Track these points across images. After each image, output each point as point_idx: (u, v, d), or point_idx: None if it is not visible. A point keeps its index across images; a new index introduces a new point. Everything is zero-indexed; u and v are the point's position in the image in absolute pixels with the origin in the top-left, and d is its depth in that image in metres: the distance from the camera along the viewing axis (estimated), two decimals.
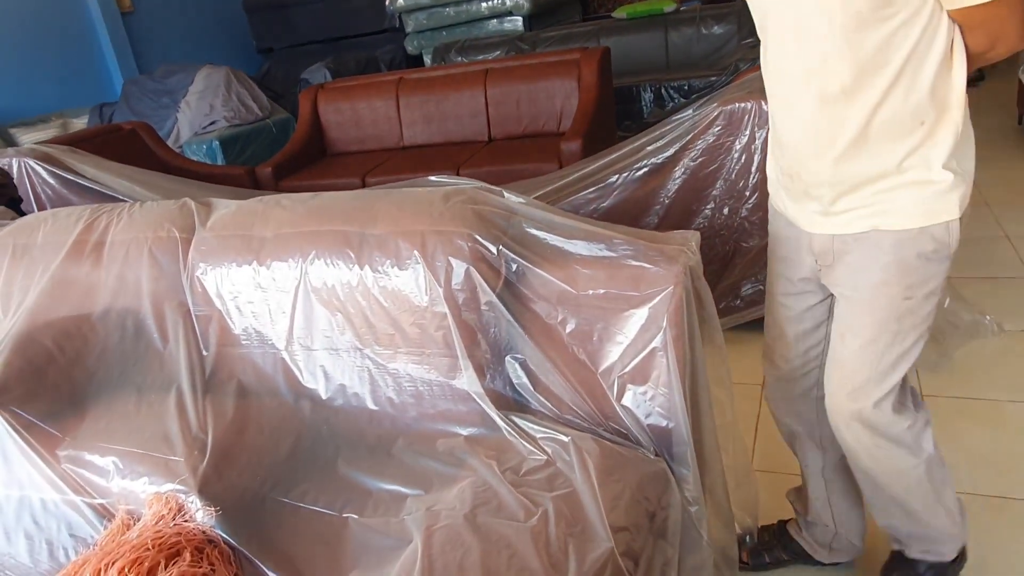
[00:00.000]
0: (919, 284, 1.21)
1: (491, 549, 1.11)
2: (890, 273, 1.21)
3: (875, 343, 1.26)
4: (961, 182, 1.15)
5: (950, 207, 1.16)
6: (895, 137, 1.13)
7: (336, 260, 1.45)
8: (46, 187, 2.91)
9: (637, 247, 1.33)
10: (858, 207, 1.20)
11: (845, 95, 1.12)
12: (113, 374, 1.60)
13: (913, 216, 1.16)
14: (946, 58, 1.08)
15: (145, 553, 1.18)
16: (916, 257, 1.18)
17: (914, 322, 1.24)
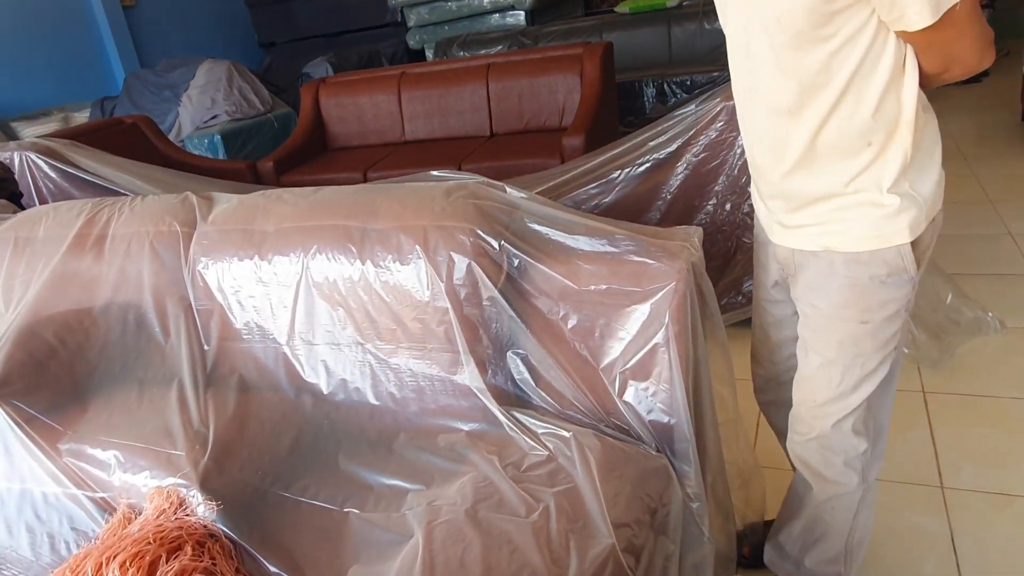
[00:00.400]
0: (876, 308, 1.17)
1: (492, 544, 1.11)
2: (844, 296, 1.18)
3: (834, 364, 1.24)
4: (911, 205, 1.10)
5: (899, 231, 1.11)
6: (841, 157, 1.10)
7: (338, 255, 1.45)
8: (47, 181, 2.91)
9: (639, 243, 1.32)
10: (811, 224, 1.18)
11: (790, 112, 1.10)
12: (115, 368, 1.60)
13: (861, 239, 1.13)
14: (894, 78, 1.04)
15: (146, 547, 1.18)
16: (870, 280, 1.15)
17: (875, 345, 1.20)
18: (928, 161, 1.12)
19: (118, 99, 5.53)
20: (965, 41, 1.01)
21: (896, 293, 1.16)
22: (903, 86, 1.05)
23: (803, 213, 1.18)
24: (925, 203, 1.12)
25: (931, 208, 1.13)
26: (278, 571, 1.22)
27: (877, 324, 1.18)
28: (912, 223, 1.11)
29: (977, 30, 1.01)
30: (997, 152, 4.08)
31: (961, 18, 0.97)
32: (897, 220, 1.11)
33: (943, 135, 1.16)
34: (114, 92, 5.81)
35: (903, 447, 1.96)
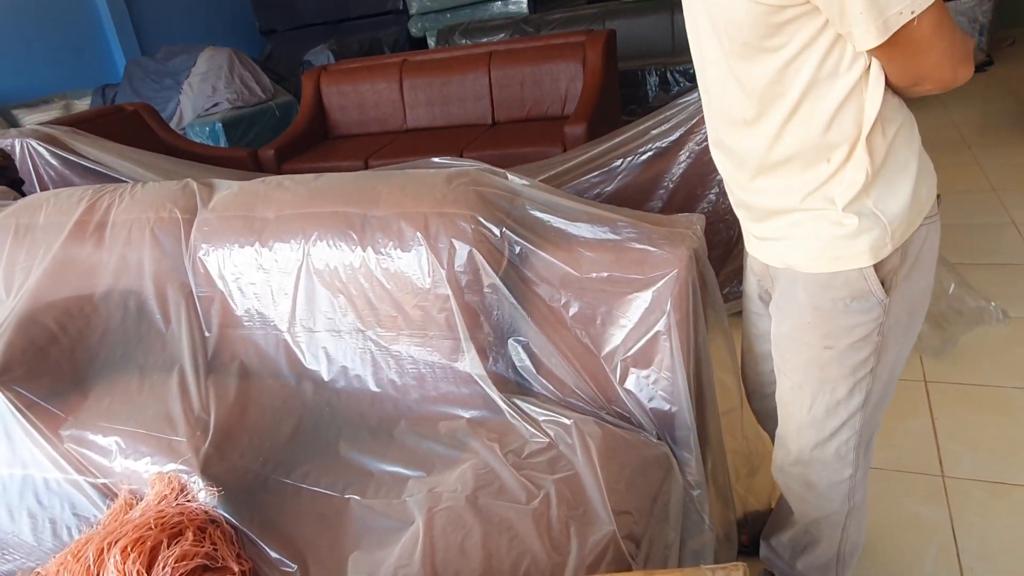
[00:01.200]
0: (840, 333, 1.09)
1: (492, 531, 1.11)
2: (806, 317, 1.11)
3: (802, 389, 1.19)
4: (873, 226, 1.01)
5: (859, 254, 1.03)
6: (798, 171, 1.03)
7: (339, 241, 1.44)
8: (49, 168, 2.90)
9: (641, 230, 1.32)
10: (774, 238, 1.12)
11: (745, 123, 1.05)
12: (115, 355, 1.60)
13: (817, 260, 1.06)
14: (854, 91, 0.96)
15: (148, 532, 1.18)
16: (832, 303, 1.08)
17: (841, 372, 1.13)
18: (899, 177, 1.02)
19: (119, 86, 5.52)
20: (929, 58, 0.91)
21: (862, 318, 1.08)
22: (865, 99, 0.96)
23: (765, 225, 1.12)
24: (891, 224, 1.02)
25: (901, 229, 1.03)
26: (279, 557, 1.23)
27: (843, 350, 1.11)
28: (874, 245, 1.02)
29: (943, 46, 0.91)
30: (1002, 141, 4.06)
31: (920, 36, 0.88)
32: (856, 241, 1.03)
33: (947, 124, 1.11)
34: (115, 79, 5.79)
35: (904, 436, 1.96)
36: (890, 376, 1.17)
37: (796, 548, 1.39)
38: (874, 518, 1.63)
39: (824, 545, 1.34)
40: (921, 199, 1.04)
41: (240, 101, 5.24)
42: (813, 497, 1.29)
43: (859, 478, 1.25)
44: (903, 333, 1.12)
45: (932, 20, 0.87)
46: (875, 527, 1.65)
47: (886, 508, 1.72)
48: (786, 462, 1.29)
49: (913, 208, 1.03)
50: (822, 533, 1.33)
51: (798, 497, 1.32)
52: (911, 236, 1.04)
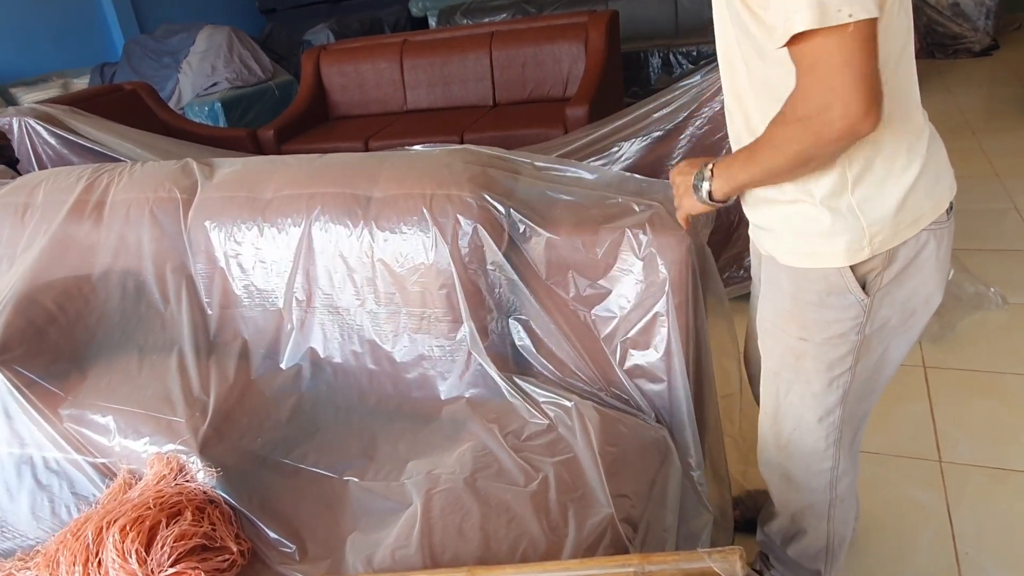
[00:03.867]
0: (814, 327, 1.08)
1: (490, 513, 1.11)
2: (785, 307, 1.11)
3: (778, 376, 1.18)
4: (851, 227, 0.98)
5: (833, 254, 1.00)
6: None
7: (341, 219, 1.44)
8: (47, 147, 2.89)
9: (643, 212, 1.31)
10: (762, 227, 1.11)
11: (736, 96, 1.04)
12: (114, 334, 1.60)
13: (791, 254, 1.06)
14: None
15: (147, 512, 1.19)
16: (811, 296, 1.06)
17: (816, 367, 1.11)
18: (888, 182, 0.97)
19: (117, 65, 5.48)
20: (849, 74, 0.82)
21: (839, 315, 1.05)
22: None
23: (755, 212, 1.11)
24: (870, 227, 0.98)
25: (883, 235, 0.99)
26: (277, 537, 1.23)
27: (818, 344, 1.09)
28: (850, 247, 0.99)
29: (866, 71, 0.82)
30: (1006, 126, 4.04)
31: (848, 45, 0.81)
32: (831, 240, 1.00)
33: (952, 109, 1.08)
34: (113, 58, 5.75)
35: (902, 421, 1.96)
36: (872, 376, 1.14)
37: (786, 537, 1.40)
38: (871, 502, 1.64)
39: (811, 535, 1.35)
40: (917, 208, 0.99)
41: (239, 81, 5.20)
42: (792, 487, 1.29)
43: (841, 470, 1.24)
44: (891, 336, 1.09)
45: (865, 35, 0.81)
46: (871, 511, 1.66)
47: (883, 492, 1.73)
48: (766, 450, 1.29)
49: (903, 216, 0.98)
50: (807, 524, 1.33)
51: (779, 488, 1.32)
52: (899, 246, 1.00)
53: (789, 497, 1.32)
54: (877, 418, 2.00)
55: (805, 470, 1.25)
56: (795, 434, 1.22)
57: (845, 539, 1.37)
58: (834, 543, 1.35)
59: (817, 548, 1.36)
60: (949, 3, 5.54)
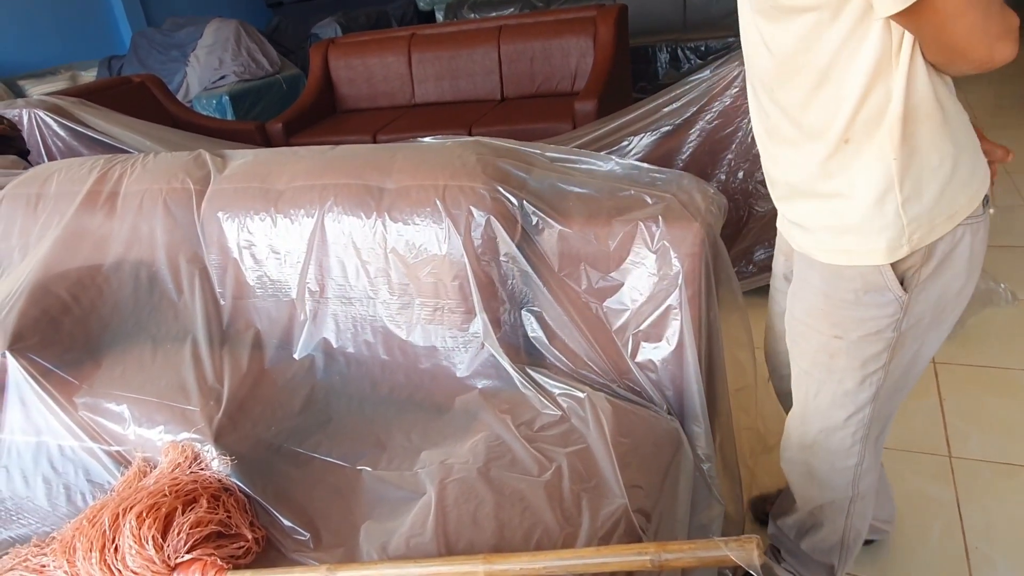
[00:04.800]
0: (851, 325, 1.06)
1: (504, 502, 1.12)
2: (818, 305, 1.09)
3: (809, 375, 1.17)
4: (890, 224, 0.96)
5: (870, 251, 0.98)
6: (817, 151, 0.97)
7: (354, 210, 1.44)
8: (56, 139, 2.90)
9: (656, 204, 1.31)
10: (795, 222, 1.08)
11: (770, 90, 1.00)
12: (128, 324, 1.60)
13: (829, 251, 1.03)
14: (882, 67, 0.89)
15: (162, 499, 1.19)
16: (845, 293, 1.04)
17: (850, 364, 1.10)
18: (927, 177, 0.95)
19: (125, 58, 5.49)
20: (957, 31, 0.82)
21: (876, 312, 1.03)
22: (893, 82, 0.89)
23: (788, 207, 1.09)
24: (910, 224, 0.96)
25: (921, 231, 0.97)
26: (292, 525, 1.24)
27: (853, 342, 1.07)
28: (890, 244, 0.97)
29: (973, 18, 0.82)
30: (1016, 122, 4.02)
31: (945, 6, 0.80)
32: (870, 238, 0.98)
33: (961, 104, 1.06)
34: (121, 51, 5.76)
35: (912, 416, 1.96)
36: (905, 373, 1.13)
37: (801, 530, 1.39)
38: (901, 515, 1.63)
39: (827, 529, 1.34)
40: (954, 203, 0.97)
41: (247, 74, 5.21)
42: (815, 484, 1.29)
43: (865, 467, 1.24)
44: (925, 332, 1.08)
45: None
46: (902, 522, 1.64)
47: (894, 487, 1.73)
48: (791, 445, 1.29)
49: (939, 211, 0.97)
50: (825, 518, 1.33)
51: (800, 483, 1.32)
52: (937, 242, 0.98)
53: (810, 494, 1.32)
54: None
55: (829, 467, 1.24)
56: (822, 433, 1.21)
57: (861, 534, 1.36)
58: (850, 538, 1.34)
59: (832, 542, 1.35)
60: None
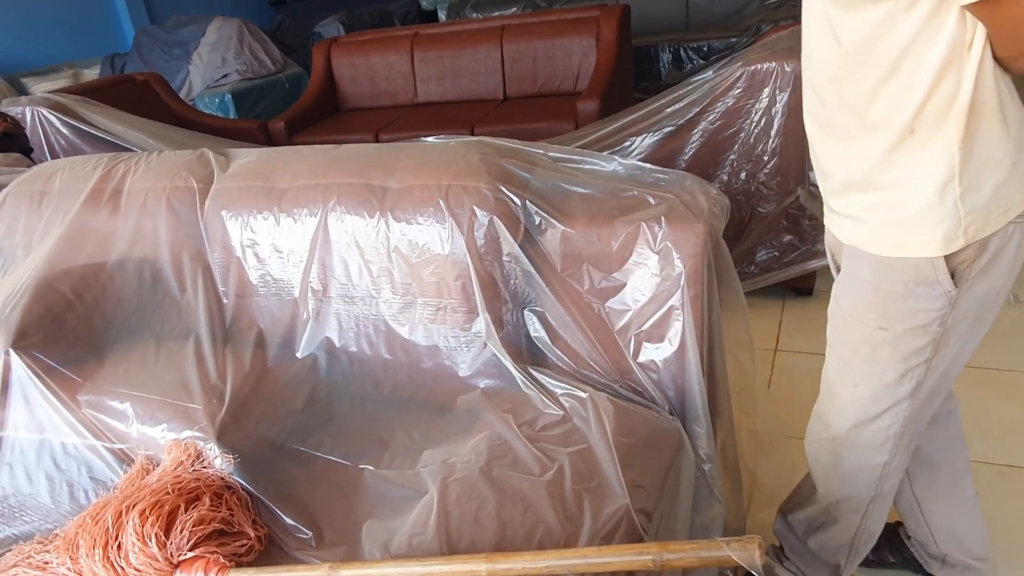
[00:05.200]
0: (898, 317, 1.06)
1: (506, 501, 1.12)
2: (866, 296, 1.08)
3: (849, 366, 1.16)
4: (947, 216, 0.96)
5: (926, 243, 0.98)
6: (879, 142, 0.97)
7: (357, 209, 1.44)
8: (59, 137, 2.91)
9: (659, 205, 1.32)
10: (847, 215, 1.08)
11: (834, 80, 1.00)
12: (131, 322, 1.61)
13: (882, 244, 1.03)
14: (953, 58, 0.89)
15: (165, 497, 1.20)
16: (895, 286, 1.04)
17: (893, 357, 1.09)
18: (987, 171, 0.94)
19: (128, 56, 5.49)
20: None
21: (924, 305, 1.03)
22: (964, 74, 0.89)
23: (840, 200, 1.08)
24: (966, 217, 0.95)
25: (976, 225, 0.96)
26: (294, 523, 1.24)
27: (899, 334, 1.07)
28: (946, 235, 0.96)
29: None
30: None
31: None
32: (926, 230, 0.97)
33: None
34: (123, 49, 5.77)
35: None
36: (946, 373, 1.12)
37: (812, 526, 1.39)
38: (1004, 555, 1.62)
39: (840, 527, 1.33)
40: (1010, 199, 0.97)
41: (250, 72, 5.21)
42: (839, 477, 1.27)
43: (893, 467, 1.22)
44: (968, 330, 1.08)
45: None
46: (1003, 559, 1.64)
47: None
48: (821, 436, 1.27)
49: (995, 206, 0.96)
50: (840, 515, 1.32)
51: (824, 474, 1.30)
52: (993, 235, 0.98)
53: (831, 488, 1.30)
54: None
55: (858, 462, 1.23)
56: (856, 426, 1.19)
57: (873, 537, 1.35)
58: (860, 539, 1.33)
59: (842, 541, 1.34)
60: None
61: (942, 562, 1.47)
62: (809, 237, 2.47)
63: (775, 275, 2.53)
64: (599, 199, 1.38)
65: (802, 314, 2.62)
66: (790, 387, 2.20)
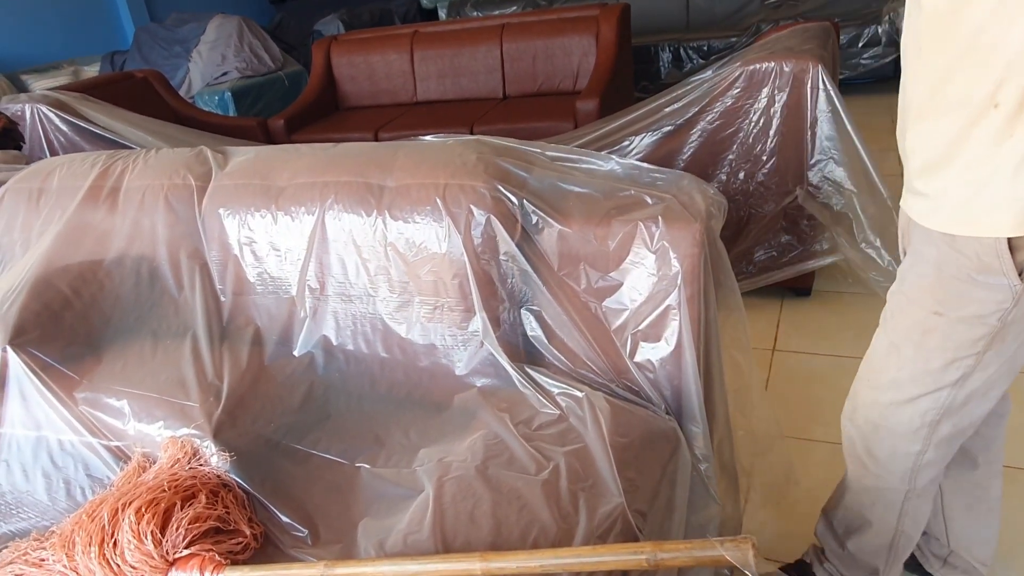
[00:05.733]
0: (953, 302, 1.03)
1: (502, 500, 1.12)
2: (928, 278, 1.05)
3: (897, 349, 1.13)
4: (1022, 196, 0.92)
5: (999, 222, 0.94)
6: (960, 117, 0.93)
7: (355, 208, 1.45)
8: (58, 134, 2.91)
9: (656, 205, 1.32)
10: (921, 192, 1.04)
11: (918, 53, 0.97)
12: (129, 319, 1.61)
13: (953, 219, 0.98)
14: None
15: (161, 494, 1.20)
16: (957, 270, 1.00)
17: (942, 345, 1.06)
18: None
19: (128, 53, 5.49)
20: None
21: (984, 295, 0.99)
22: None
23: (919, 179, 1.04)
24: None
25: None
26: (290, 521, 1.24)
27: (952, 321, 1.04)
28: (1018, 216, 0.92)
29: None
30: None
31: None
32: (1000, 209, 0.93)
33: None
34: (123, 46, 5.77)
35: None
36: (997, 374, 1.08)
37: (849, 528, 1.35)
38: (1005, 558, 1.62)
39: (876, 528, 1.29)
40: None
41: (249, 70, 5.21)
42: (872, 463, 1.24)
43: (927, 460, 1.19)
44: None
45: None
46: None
47: None
48: (860, 412, 1.24)
49: None
50: (875, 515, 1.29)
51: (857, 462, 1.27)
52: None
53: (865, 483, 1.28)
54: None
55: (891, 448, 1.20)
56: (891, 406, 1.17)
57: (912, 540, 1.31)
58: (899, 542, 1.29)
59: (879, 544, 1.31)
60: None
61: (943, 561, 1.46)
62: (807, 237, 2.47)
63: (773, 275, 2.53)
64: (596, 198, 1.38)
65: (800, 314, 2.62)
66: (788, 387, 2.20)
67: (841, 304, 2.66)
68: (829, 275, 2.74)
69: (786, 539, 1.70)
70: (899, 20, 4.21)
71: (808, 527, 1.55)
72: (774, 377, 2.26)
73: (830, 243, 2.41)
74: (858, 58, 4.61)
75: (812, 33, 2.55)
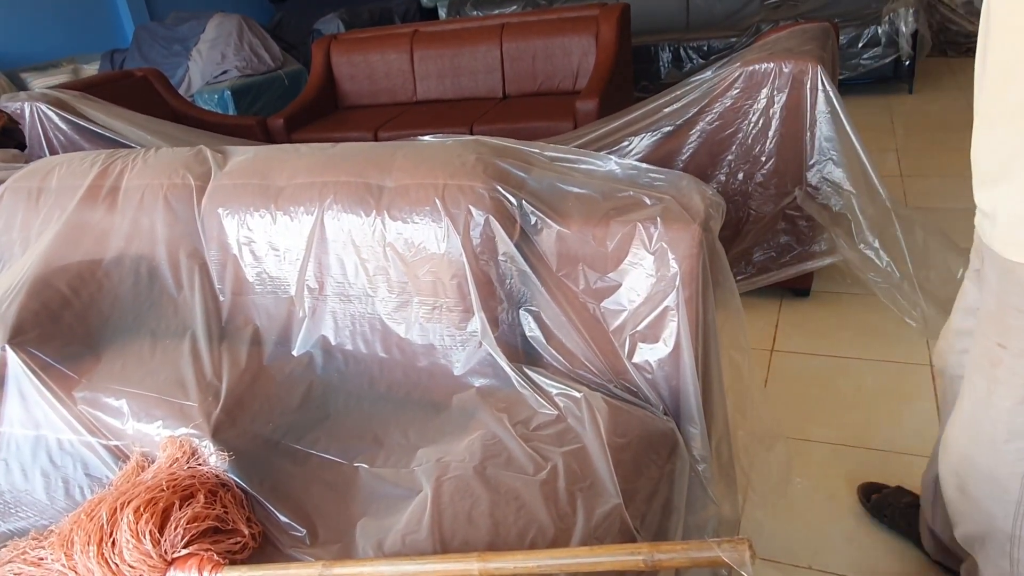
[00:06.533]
0: (1016, 335, 0.95)
1: (500, 500, 1.12)
2: (990, 304, 0.99)
3: (971, 381, 1.06)
4: None
5: None
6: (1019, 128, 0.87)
7: (354, 208, 1.45)
8: (58, 132, 2.90)
9: (655, 205, 1.32)
10: (983, 208, 0.98)
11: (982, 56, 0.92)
12: (127, 319, 1.61)
13: (1010, 243, 0.92)
14: None
15: (160, 494, 1.20)
16: (1017, 299, 0.93)
17: (1010, 380, 0.97)
18: None
19: (127, 52, 5.49)
20: None
21: None
22: None
23: (983, 193, 0.98)
24: None
25: None
26: (288, 521, 1.25)
27: (1015, 355, 0.96)
28: None
29: None
30: None
31: None
32: None
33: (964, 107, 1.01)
34: (123, 44, 5.77)
35: (910, 419, 1.97)
36: None
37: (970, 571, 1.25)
38: None
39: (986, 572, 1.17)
40: None
41: (249, 69, 5.21)
42: (969, 503, 1.14)
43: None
44: None
45: None
46: None
47: None
48: (946, 455, 1.17)
49: None
50: (980, 556, 1.17)
51: (953, 499, 1.18)
52: None
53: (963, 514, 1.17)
54: (885, 416, 2.01)
55: (987, 491, 1.09)
56: (972, 445, 1.09)
57: None
58: None
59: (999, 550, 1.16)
60: (963, 1, 5.52)
61: None
62: (806, 238, 2.47)
63: (772, 276, 2.53)
64: (595, 199, 1.38)
65: (799, 315, 2.63)
66: (786, 388, 2.20)
67: (840, 305, 2.66)
68: (828, 276, 2.74)
69: (784, 540, 1.70)
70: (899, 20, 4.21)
71: (807, 527, 1.56)
72: (773, 378, 2.26)
73: (829, 244, 2.41)
74: (858, 58, 4.61)
75: (812, 34, 2.55)
